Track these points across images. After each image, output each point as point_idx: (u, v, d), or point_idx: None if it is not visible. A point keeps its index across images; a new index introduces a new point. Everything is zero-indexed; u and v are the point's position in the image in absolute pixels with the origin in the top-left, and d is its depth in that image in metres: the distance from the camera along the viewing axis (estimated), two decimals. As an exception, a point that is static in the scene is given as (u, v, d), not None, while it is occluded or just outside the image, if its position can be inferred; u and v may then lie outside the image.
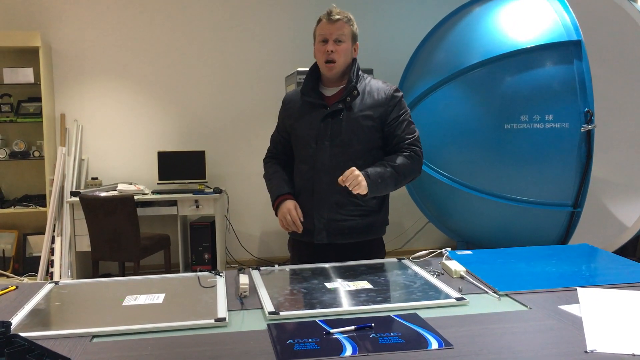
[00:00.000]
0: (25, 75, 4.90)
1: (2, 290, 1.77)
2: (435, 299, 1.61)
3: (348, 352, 1.25)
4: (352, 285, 1.76)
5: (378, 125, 2.10)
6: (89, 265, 4.56)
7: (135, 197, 4.42)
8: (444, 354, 1.23)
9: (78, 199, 4.31)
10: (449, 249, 2.11)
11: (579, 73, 3.61)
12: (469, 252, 2.18)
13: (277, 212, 2.16)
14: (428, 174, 4.03)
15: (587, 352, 1.23)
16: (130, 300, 1.65)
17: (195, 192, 4.92)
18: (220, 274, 1.91)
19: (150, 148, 5.26)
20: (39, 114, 4.93)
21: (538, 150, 3.67)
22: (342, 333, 1.36)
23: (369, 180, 1.96)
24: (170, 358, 1.24)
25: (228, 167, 5.37)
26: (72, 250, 4.72)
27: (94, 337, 1.38)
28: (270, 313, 1.50)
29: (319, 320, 1.45)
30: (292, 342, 1.31)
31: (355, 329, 1.38)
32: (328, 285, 1.76)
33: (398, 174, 2.05)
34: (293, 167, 2.25)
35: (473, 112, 3.84)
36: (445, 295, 1.64)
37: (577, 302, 1.55)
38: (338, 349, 1.26)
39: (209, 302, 1.62)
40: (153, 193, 4.93)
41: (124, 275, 4.55)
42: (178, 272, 4.88)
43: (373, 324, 1.41)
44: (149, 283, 1.85)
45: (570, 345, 1.27)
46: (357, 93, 2.11)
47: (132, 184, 4.96)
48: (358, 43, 2.17)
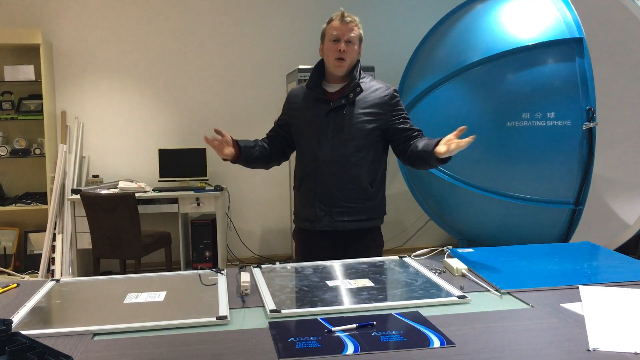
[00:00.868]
0: (26, 73, 4.90)
1: (3, 288, 1.77)
2: (437, 297, 1.60)
3: (350, 350, 1.25)
4: (353, 283, 1.76)
5: (378, 122, 2.22)
6: (90, 263, 4.56)
7: (136, 194, 4.42)
8: (446, 352, 1.23)
9: (79, 197, 4.31)
10: (451, 247, 2.11)
11: (581, 71, 3.60)
12: (471, 250, 2.18)
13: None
14: (429, 172, 4.03)
15: (589, 350, 1.23)
16: (132, 298, 1.65)
17: (196, 189, 4.92)
18: (222, 272, 1.91)
19: (151, 145, 5.25)
20: (40, 112, 4.93)
21: (540, 148, 3.67)
22: (343, 331, 1.36)
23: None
24: (172, 356, 1.24)
25: (229, 164, 5.29)
26: (73, 248, 4.72)
27: (95, 335, 1.38)
28: (272, 311, 1.50)
29: (321, 319, 1.45)
30: (293, 340, 1.31)
31: (357, 327, 1.37)
32: (329, 283, 1.76)
33: None
34: (272, 148, 2.38)
35: (475, 109, 3.83)
36: (447, 294, 1.63)
37: (579, 300, 1.55)
38: (340, 347, 1.26)
39: (210, 300, 1.62)
40: (154, 191, 4.93)
41: (125, 273, 4.55)
42: (179, 269, 4.88)
43: (375, 322, 1.40)
44: (150, 281, 1.85)
45: (573, 344, 1.26)
46: (360, 90, 2.23)
47: (133, 182, 4.97)
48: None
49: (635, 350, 1.21)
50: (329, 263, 2.03)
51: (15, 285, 1.81)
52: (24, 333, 1.24)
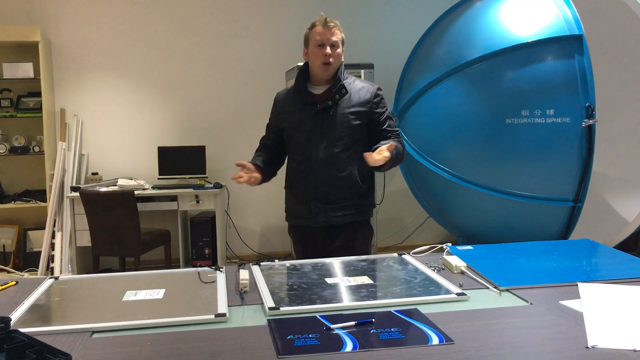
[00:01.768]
0: (25, 70, 4.89)
1: (2, 286, 1.77)
2: (436, 295, 1.60)
3: (348, 347, 1.25)
4: (352, 281, 1.76)
5: (364, 121, 2.31)
6: (90, 261, 4.56)
7: (136, 192, 4.42)
8: (445, 350, 1.23)
9: (78, 194, 4.30)
10: (450, 244, 2.11)
11: (580, 68, 3.60)
12: (470, 247, 2.18)
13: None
14: (428, 169, 4.03)
15: (588, 347, 1.23)
16: (131, 296, 1.65)
17: (196, 187, 4.91)
18: (221, 270, 1.91)
19: (151, 143, 5.25)
20: (39, 109, 4.92)
21: (539, 145, 3.67)
22: (342, 328, 1.36)
23: (391, 157, 2.14)
24: (171, 353, 1.24)
25: (228, 162, 5.36)
26: (72, 246, 4.72)
27: (94, 332, 1.38)
28: (271, 308, 1.50)
29: (320, 316, 1.45)
30: (292, 337, 1.31)
31: (356, 325, 1.38)
32: (328, 281, 1.76)
33: (399, 156, 2.28)
34: (279, 153, 2.50)
35: (474, 106, 3.83)
36: (446, 291, 1.64)
37: (578, 297, 1.55)
38: (338, 345, 1.26)
39: (209, 297, 1.62)
40: (153, 188, 4.92)
41: (125, 271, 4.55)
42: (178, 267, 4.88)
43: (373, 320, 1.40)
44: (149, 278, 1.85)
45: (571, 341, 1.26)
46: (345, 91, 2.30)
47: (132, 179, 4.96)
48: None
49: (634, 347, 1.21)
50: (328, 260, 2.03)
51: (14, 283, 1.81)
52: (23, 330, 1.24)
